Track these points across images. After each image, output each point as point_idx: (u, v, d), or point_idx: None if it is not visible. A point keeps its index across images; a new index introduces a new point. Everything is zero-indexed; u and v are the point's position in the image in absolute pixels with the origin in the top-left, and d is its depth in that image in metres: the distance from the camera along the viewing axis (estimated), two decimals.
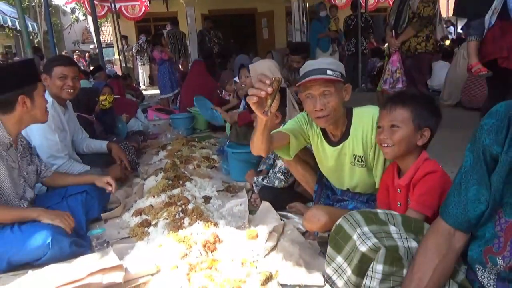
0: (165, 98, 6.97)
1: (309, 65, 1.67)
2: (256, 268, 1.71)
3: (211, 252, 1.80)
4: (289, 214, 2.23)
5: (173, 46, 8.01)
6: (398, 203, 1.57)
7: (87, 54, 15.49)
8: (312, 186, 2.11)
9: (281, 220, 2.13)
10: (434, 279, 1.00)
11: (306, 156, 2.09)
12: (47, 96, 2.32)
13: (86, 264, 1.63)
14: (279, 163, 2.39)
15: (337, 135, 1.82)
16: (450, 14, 13.73)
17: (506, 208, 0.94)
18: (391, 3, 9.53)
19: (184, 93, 5.52)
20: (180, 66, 7.61)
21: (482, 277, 1.00)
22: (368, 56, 7.75)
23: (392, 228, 1.12)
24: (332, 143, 1.84)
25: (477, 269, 1.01)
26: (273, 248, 1.90)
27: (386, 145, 1.51)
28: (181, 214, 2.20)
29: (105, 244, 2.01)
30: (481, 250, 0.99)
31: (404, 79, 3.66)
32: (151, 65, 10.46)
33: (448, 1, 12.90)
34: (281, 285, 1.60)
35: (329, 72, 1.60)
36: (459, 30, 11.69)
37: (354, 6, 7.71)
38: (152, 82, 11.11)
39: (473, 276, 1.02)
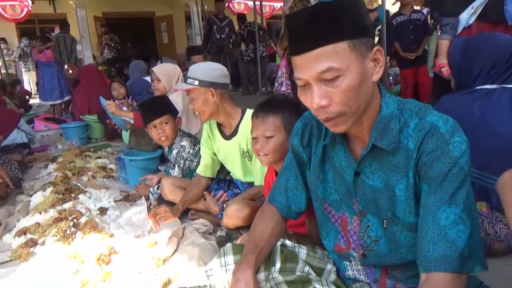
0: (53, 105, 6.38)
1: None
2: (155, 275, 1.68)
3: (106, 264, 1.72)
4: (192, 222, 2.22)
5: (61, 51, 7.34)
6: None
7: None
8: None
9: (181, 224, 2.13)
10: (272, 234, 1.11)
11: (183, 183, 2.31)
12: None
13: None
14: (175, 172, 2.39)
15: (229, 130, 2.01)
16: None
17: (333, 204, 1.07)
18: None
19: (78, 100, 5.12)
20: (67, 71, 7.01)
21: (352, 269, 1.10)
22: (266, 61, 8.09)
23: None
24: (225, 137, 2.03)
25: (346, 265, 1.11)
26: (174, 252, 1.89)
27: (261, 154, 1.50)
28: (73, 229, 2.05)
29: None
30: (333, 249, 1.11)
31: (288, 82, 3.92)
32: (37, 71, 9.48)
33: None
34: None
35: (189, 81, 1.89)
36: None
37: (241, 18, 8.08)
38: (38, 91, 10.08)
39: (344, 273, 1.12)
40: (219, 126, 2.07)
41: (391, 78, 6.06)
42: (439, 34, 2.54)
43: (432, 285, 0.82)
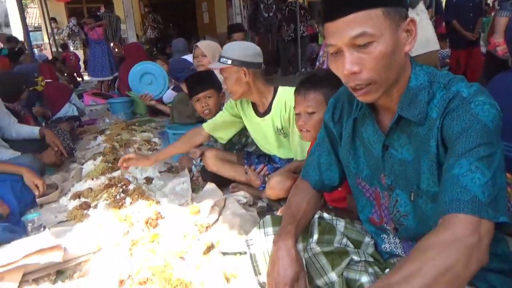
0: (101, 81, 6.68)
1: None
2: (198, 240, 1.77)
3: (153, 227, 1.83)
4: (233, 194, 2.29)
5: (106, 29, 7.59)
6: None
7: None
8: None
9: (223, 195, 2.20)
10: (308, 207, 1.14)
11: (226, 155, 2.37)
12: None
13: (21, 247, 1.59)
14: (218, 144, 2.46)
15: (262, 108, 2.05)
16: None
17: (366, 179, 1.08)
18: None
19: (124, 76, 5.30)
20: (114, 49, 7.28)
21: (389, 242, 1.10)
22: (307, 41, 7.97)
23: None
24: (259, 114, 2.06)
25: (383, 238, 1.12)
26: (216, 221, 1.97)
27: (305, 130, 1.53)
28: (122, 195, 2.18)
29: (41, 229, 1.96)
30: (369, 222, 1.12)
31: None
32: (84, 50, 9.89)
33: None
34: (222, 253, 1.68)
35: (222, 60, 1.90)
36: None
37: None
38: (87, 67, 10.55)
39: (381, 246, 1.13)
40: (253, 103, 2.10)
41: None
42: (497, 10, 2.38)
43: (444, 224, 0.76)
